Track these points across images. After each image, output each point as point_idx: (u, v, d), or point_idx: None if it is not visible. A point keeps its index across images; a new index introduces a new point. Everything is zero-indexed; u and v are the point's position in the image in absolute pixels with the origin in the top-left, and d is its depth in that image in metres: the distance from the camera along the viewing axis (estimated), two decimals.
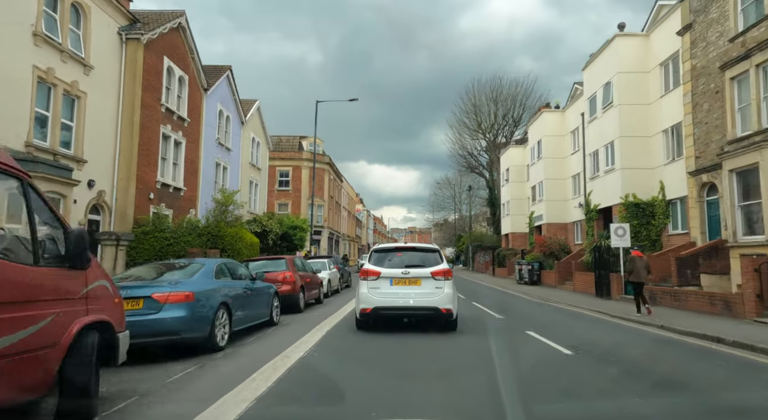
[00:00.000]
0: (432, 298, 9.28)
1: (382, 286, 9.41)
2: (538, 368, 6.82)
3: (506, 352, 7.76)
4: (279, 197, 45.72)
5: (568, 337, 9.38)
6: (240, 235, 18.74)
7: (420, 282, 9.41)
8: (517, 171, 42.22)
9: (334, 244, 53.89)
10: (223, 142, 26.48)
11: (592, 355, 7.75)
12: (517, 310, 14.75)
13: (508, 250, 38.86)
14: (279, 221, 25.14)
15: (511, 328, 10.87)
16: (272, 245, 23.83)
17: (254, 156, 32.49)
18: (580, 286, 21.02)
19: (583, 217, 28.71)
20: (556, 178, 32.16)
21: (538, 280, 26.71)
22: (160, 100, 19.42)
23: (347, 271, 26.01)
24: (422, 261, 9.70)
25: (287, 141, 48.10)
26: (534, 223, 34.98)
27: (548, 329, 10.42)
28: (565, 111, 32.35)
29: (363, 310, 9.41)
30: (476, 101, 55.30)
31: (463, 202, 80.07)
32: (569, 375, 6.37)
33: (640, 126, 20.94)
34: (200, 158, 23.53)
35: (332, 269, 20.32)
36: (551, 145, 32.39)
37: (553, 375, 6.40)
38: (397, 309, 9.41)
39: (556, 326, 11.48)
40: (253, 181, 32.13)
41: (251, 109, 31.51)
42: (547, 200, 32.33)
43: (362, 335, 9.51)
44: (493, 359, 7.10)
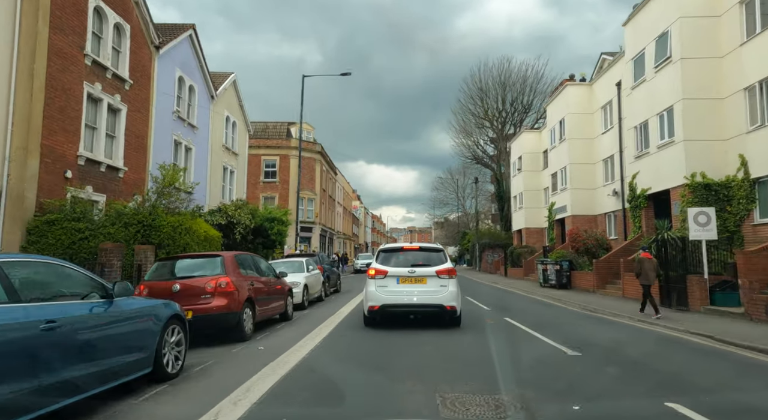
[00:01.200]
0: (437, 296, 9.58)
1: (389, 284, 9.69)
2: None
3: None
4: (265, 190, 41.02)
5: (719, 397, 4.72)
6: (188, 225, 14.01)
7: (425, 280, 9.66)
8: (531, 159, 37.52)
9: (327, 242, 49.16)
10: (184, 116, 21.76)
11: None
12: (579, 335, 10.03)
13: (523, 248, 34.15)
14: (251, 212, 20.39)
15: (626, 384, 6.19)
16: (241, 241, 19.10)
17: (229, 138, 27.75)
18: (633, 291, 16.33)
19: (617, 207, 24.02)
20: (583, 162, 27.45)
21: (567, 283, 22.01)
22: (83, 48, 14.69)
23: (336, 273, 21.29)
24: (427, 260, 9.96)
25: (274, 128, 43.38)
26: (555, 215, 30.27)
27: (681, 382, 5.77)
28: (592, 84, 27.63)
29: (371, 307, 9.70)
30: (482, 85, 50.69)
31: (467, 197, 75.50)
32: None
33: (711, 85, 16.24)
34: (150, 133, 18.79)
35: (312, 271, 15.61)
36: (577, 123, 27.66)
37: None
38: (404, 306, 9.66)
39: (669, 364, 6.83)
40: (227, 167, 27.41)
41: (225, 82, 26.80)
42: (573, 189, 27.62)
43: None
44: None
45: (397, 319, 10.61)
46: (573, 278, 22.15)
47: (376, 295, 9.66)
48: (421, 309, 9.78)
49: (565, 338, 8.67)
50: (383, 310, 9.62)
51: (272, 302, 9.86)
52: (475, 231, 50.98)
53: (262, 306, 9.20)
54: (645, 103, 19.06)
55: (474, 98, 51.43)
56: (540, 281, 24.21)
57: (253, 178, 41.06)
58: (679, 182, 16.71)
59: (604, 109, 26.14)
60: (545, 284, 23.57)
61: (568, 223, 28.22)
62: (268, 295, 9.65)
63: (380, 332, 9.70)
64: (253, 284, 8.89)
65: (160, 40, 19.30)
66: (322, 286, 16.90)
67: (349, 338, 9.25)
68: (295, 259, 15.91)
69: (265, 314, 9.58)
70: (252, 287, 8.79)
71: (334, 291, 20.86)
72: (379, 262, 10.04)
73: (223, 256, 8.41)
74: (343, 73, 29.92)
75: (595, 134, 27.05)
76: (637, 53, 19.53)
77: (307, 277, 14.70)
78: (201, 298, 7.70)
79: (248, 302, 8.49)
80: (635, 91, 19.94)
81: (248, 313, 8.47)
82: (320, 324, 10.72)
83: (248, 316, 8.45)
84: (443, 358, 7.21)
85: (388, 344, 8.48)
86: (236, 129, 28.85)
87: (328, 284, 18.88)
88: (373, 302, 9.64)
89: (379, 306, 9.58)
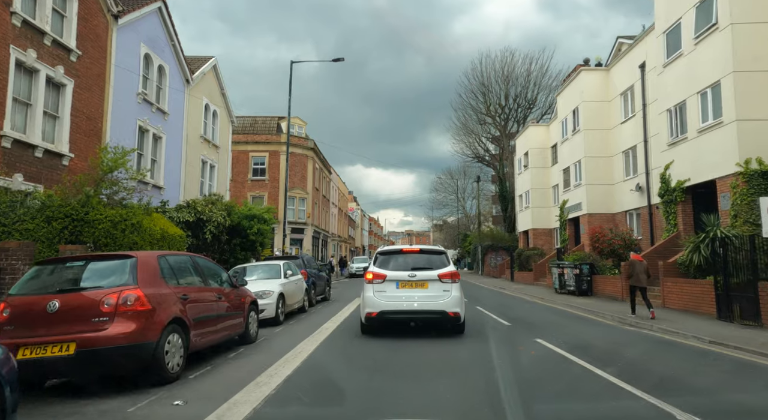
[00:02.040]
0: (439, 302, 8.98)
1: (387, 289, 9.13)
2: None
3: None
4: (253, 188, 38.30)
5: None
6: (136, 221, 11.30)
7: (427, 285, 9.10)
8: (538, 154, 34.93)
9: (321, 245, 46.41)
10: (152, 100, 19.07)
11: None
12: (668, 374, 7.34)
13: (532, 250, 31.48)
14: (227, 208, 17.68)
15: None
16: (212, 241, 16.38)
17: (209, 129, 25.06)
18: (678, 300, 13.66)
19: (641, 204, 21.44)
20: (600, 155, 24.83)
21: (588, 289, 19.35)
22: (9, 5, 12.00)
23: (324, 279, 18.56)
24: (428, 263, 9.40)
25: (263, 122, 40.68)
26: (568, 214, 27.63)
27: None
28: (610, 69, 25.05)
29: (369, 314, 9.07)
30: (484, 80, 48.19)
31: (467, 197, 72.91)
32: None
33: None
34: (106, 115, 16.10)
35: (292, 277, 12.89)
36: (593, 112, 25.05)
37: None
38: (404, 313, 9.04)
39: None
40: (207, 161, 24.71)
41: (203, 67, 24.13)
42: (588, 184, 24.99)
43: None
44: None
45: (396, 332, 8.53)
46: (594, 284, 19.48)
47: (374, 301, 9.04)
48: (422, 316, 9.11)
49: (657, 383, 5.92)
50: (382, 317, 8.98)
51: (222, 321, 7.13)
52: (477, 232, 48.32)
53: (202, 329, 6.46)
54: (681, 81, 16.44)
55: (475, 93, 48.98)
56: (555, 287, 21.54)
57: (240, 176, 38.40)
58: (728, 171, 14.07)
59: (623, 95, 23.55)
60: (561, 290, 20.90)
61: (583, 222, 25.58)
62: (216, 313, 6.94)
63: (376, 355, 7.05)
64: (187, 298, 6.17)
65: (119, 8, 16.63)
66: (306, 295, 14.19)
67: (327, 373, 6.58)
68: (273, 262, 13.18)
69: (211, 340, 6.83)
70: (185, 302, 6.08)
71: (321, 299, 18.15)
72: (377, 266, 9.43)
73: (136, 258, 5.65)
74: (335, 59, 27.30)
75: (613, 124, 24.44)
76: (671, 25, 16.93)
77: (285, 284, 11.98)
78: (92, 322, 5.02)
79: (176, 324, 5.77)
80: (668, 70, 17.33)
81: (175, 342, 5.74)
82: (292, 349, 8.03)
83: (175, 346, 5.72)
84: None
85: (385, 386, 5.81)
86: (217, 119, 26.16)
87: (314, 292, 16.17)
88: (370, 308, 9.03)
89: (377, 313, 8.96)
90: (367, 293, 9.17)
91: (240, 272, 12.41)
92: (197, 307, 6.37)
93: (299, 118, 41.27)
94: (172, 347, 5.67)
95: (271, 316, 10.71)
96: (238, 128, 40.31)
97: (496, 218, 67.43)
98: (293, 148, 39.26)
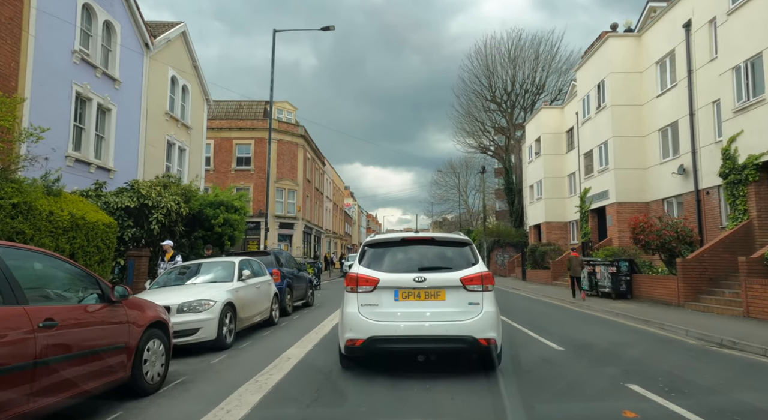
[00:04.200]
0: (464, 322, 5.49)
1: (381, 301, 5.63)
2: None
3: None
4: (237, 179, 34.78)
5: None
6: (20, 201, 7.86)
7: (443, 295, 5.61)
8: (552, 140, 31.50)
9: (313, 241, 42.95)
10: (96, 62, 15.59)
11: None
12: None
13: (547, 246, 28.04)
14: (184, 193, 14.23)
15: None
16: (161, 233, 12.91)
17: (177, 106, 21.58)
18: None
19: (686, 189, 18.06)
20: (631, 134, 21.40)
21: (628, 291, 15.94)
22: None
23: (306, 280, 15.04)
24: (445, 260, 5.90)
25: (249, 107, 37.16)
26: (590, 204, 24.20)
27: None
28: (642, 36, 21.59)
29: (350, 341, 5.55)
30: (489, 63, 44.70)
31: (470, 191, 69.58)
32: None
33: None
34: (24, 73, 12.62)
35: (252, 280, 9.38)
36: (622, 86, 21.61)
37: None
38: (407, 341, 5.50)
39: None
40: (175, 143, 21.23)
41: (168, 32, 20.64)
42: (617, 169, 21.55)
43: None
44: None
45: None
46: (635, 284, 16.05)
47: (359, 322, 5.61)
48: (437, 345, 5.62)
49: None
50: (371, 345, 5.55)
51: (56, 372, 3.63)
52: (481, 227, 44.90)
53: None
54: (757, 27, 13.00)
55: (479, 77, 45.49)
56: (584, 287, 18.10)
57: (223, 166, 34.95)
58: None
59: (660, 64, 20.11)
60: (591, 292, 17.48)
61: (610, 212, 22.15)
62: (42, 359, 3.49)
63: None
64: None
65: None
66: (275, 302, 10.71)
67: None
68: (225, 259, 9.68)
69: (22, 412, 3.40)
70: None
71: (303, 305, 14.71)
72: (365, 265, 5.96)
73: None
74: (324, 28, 23.79)
75: (647, 98, 21.01)
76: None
77: (238, 290, 8.51)
78: None
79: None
80: (735, 18, 13.89)
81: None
82: (212, 410, 4.59)
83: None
84: None
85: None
86: (188, 96, 22.67)
87: (290, 297, 12.71)
88: (353, 333, 5.61)
89: (364, 340, 5.54)
90: (348, 308, 5.76)
91: (171, 274, 8.99)
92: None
93: (289, 103, 37.78)
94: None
95: (209, 337, 7.27)
96: (221, 113, 36.90)
97: (500, 213, 64.09)
98: (282, 134, 35.83)
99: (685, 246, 14.20)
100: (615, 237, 21.49)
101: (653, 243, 14.52)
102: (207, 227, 15.15)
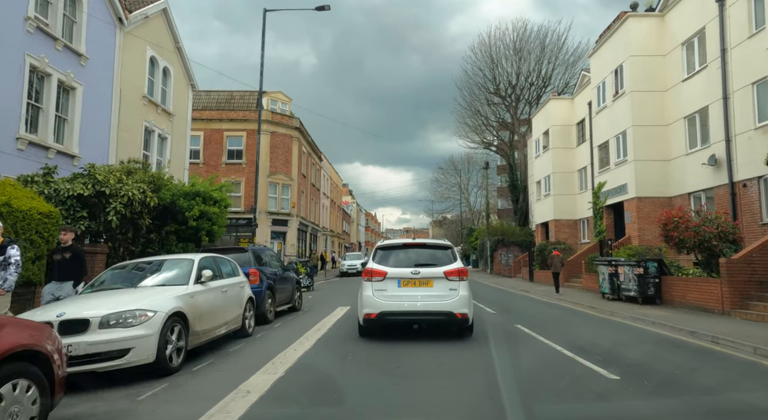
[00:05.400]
0: (446, 302, 8.10)
1: (388, 287, 8.25)
2: None
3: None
4: (228, 173, 32.93)
5: None
6: None
7: (432, 283, 8.21)
8: (562, 133, 29.68)
9: (309, 239, 41.11)
10: (56, 33, 13.76)
11: None
12: None
13: (558, 245, 26.19)
14: (154, 181, 12.40)
15: None
16: (119, 227, 11.05)
17: (157, 89, 19.75)
18: None
19: (718, 182, 16.27)
20: (652, 123, 19.59)
21: (656, 295, 14.11)
22: None
23: (292, 281, 13.18)
24: (433, 259, 8.52)
25: (241, 98, 35.30)
26: (605, 200, 22.38)
27: None
28: (665, 16, 19.76)
29: (367, 315, 8.17)
30: (493, 53, 42.86)
31: (472, 189, 67.83)
32: None
33: None
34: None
35: (215, 282, 7.53)
36: (644, 70, 19.79)
37: None
38: (407, 314, 8.18)
39: None
40: (154, 129, 19.39)
41: (146, 8, 18.78)
42: (638, 160, 19.73)
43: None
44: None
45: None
46: (665, 288, 14.23)
47: (373, 301, 8.14)
48: (427, 317, 8.21)
49: None
50: (382, 318, 8.07)
51: None
52: (485, 226, 43.09)
53: None
54: None
55: (483, 69, 43.64)
56: (604, 291, 16.30)
57: (213, 159, 33.10)
58: None
59: (686, 45, 18.30)
60: (613, 296, 15.66)
61: (629, 208, 20.33)
62: None
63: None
64: None
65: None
66: (249, 309, 8.87)
67: None
68: (180, 257, 7.76)
69: None
70: None
71: (289, 309, 12.88)
72: (377, 262, 8.49)
73: None
74: (318, 8, 21.95)
75: (671, 83, 19.20)
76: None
77: (192, 296, 6.66)
78: None
79: None
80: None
81: None
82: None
83: None
84: None
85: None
86: (170, 80, 20.82)
87: (271, 301, 10.89)
88: (369, 309, 8.13)
89: (376, 314, 8.06)
90: (365, 292, 8.27)
91: (116, 275, 7.14)
92: None
93: (283, 93, 35.91)
94: None
95: (144, 360, 5.43)
96: (212, 104, 35.07)
97: (502, 212, 62.28)
98: (275, 126, 33.99)
99: (727, 244, 12.38)
100: (634, 235, 19.69)
101: (689, 241, 12.69)
102: (180, 221, 13.31)
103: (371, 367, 6.28)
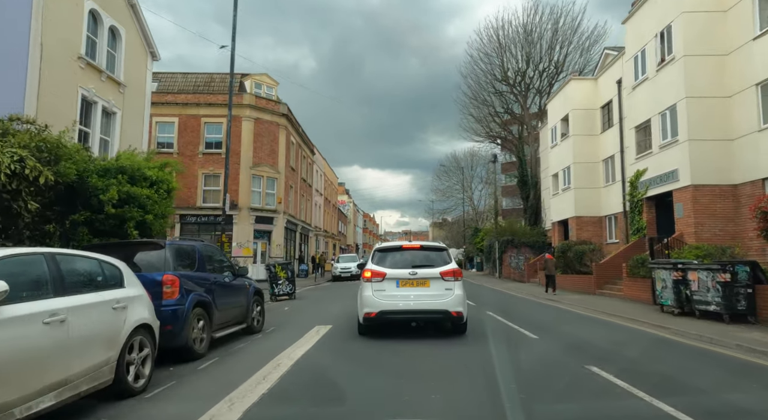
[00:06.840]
0: (441, 301, 8.66)
1: (387, 288, 8.75)
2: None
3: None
4: (206, 164, 29.19)
5: None
6: None
7: (428, 283, 8.77)
8: (585, 117, 25.99)
9: (299, 239, 37.30)
10: None
11: None
12: None
13: (585, 245, 22.44)
14: (48, 149, 8.63)
15: None
16: None
17: (101, 52, 15.98)
18: None
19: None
20: (710, 95, 15.92)
21: (751, 310, 10.36)
22: None
23: (246, 292, 9.34)
24: (429, 260, 9.09)
25: (222, 80, 31.55)
26: (645, 190, 18.64)
27: None
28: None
29: (367, 314, 8.63)
30: (501, 38, 39.18)
31: (476, 186, 64.11)
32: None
33: None
34: None
35: (42, 303, 3.79)
36: (700, 30, 16.10)
37: None
38: (405, 313, 8.73)
39: None
40: (96, 101, 15.61)
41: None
42: (693, 140, 16.01)
43: None
44: None
45: None
46: (761, 300, 10.47)
47: (373, 301, 8.63)
48: (424, 315, 8.86)
49: None
50: (381, 317, 8.56)
51: None
52: (493, 225, 39.33)
53: None
54: None
55: (490, 54, 39.98)
56: (665, 302, 12.52)
57: (189, 149, 29.29)
58: None
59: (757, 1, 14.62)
60: (679, 309, 11.89)
61: (680, 199, 16.59)
62: None
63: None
64: None
65: None
66: (144, 344, 5.11)
67: None
68: None
69: None
70: None
71: (243, 331, 9.09)
72: (375, 263, 8.98)
73: None
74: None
75: (735, 44, 15.53)
76: None
77: None
78: None
79: None
80: None
81: None
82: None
83: None
84: None
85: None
86: (120, 43, 17.05)
87: (208, 323, 7.11)
88: (369, 308, 8.61)
89: (376, 312, 8.55)
90: (365, 292, 8.68)
91: None
92: None
93: (268, 76, 32.15)
94: None
95: None
96: (189, 87, 31.34)
97: (507, 212, 58.60)
98: (259, 112, 30.24)
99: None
100: (688, 231, 15.97)
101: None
102: (96, 208, 9.52)
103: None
